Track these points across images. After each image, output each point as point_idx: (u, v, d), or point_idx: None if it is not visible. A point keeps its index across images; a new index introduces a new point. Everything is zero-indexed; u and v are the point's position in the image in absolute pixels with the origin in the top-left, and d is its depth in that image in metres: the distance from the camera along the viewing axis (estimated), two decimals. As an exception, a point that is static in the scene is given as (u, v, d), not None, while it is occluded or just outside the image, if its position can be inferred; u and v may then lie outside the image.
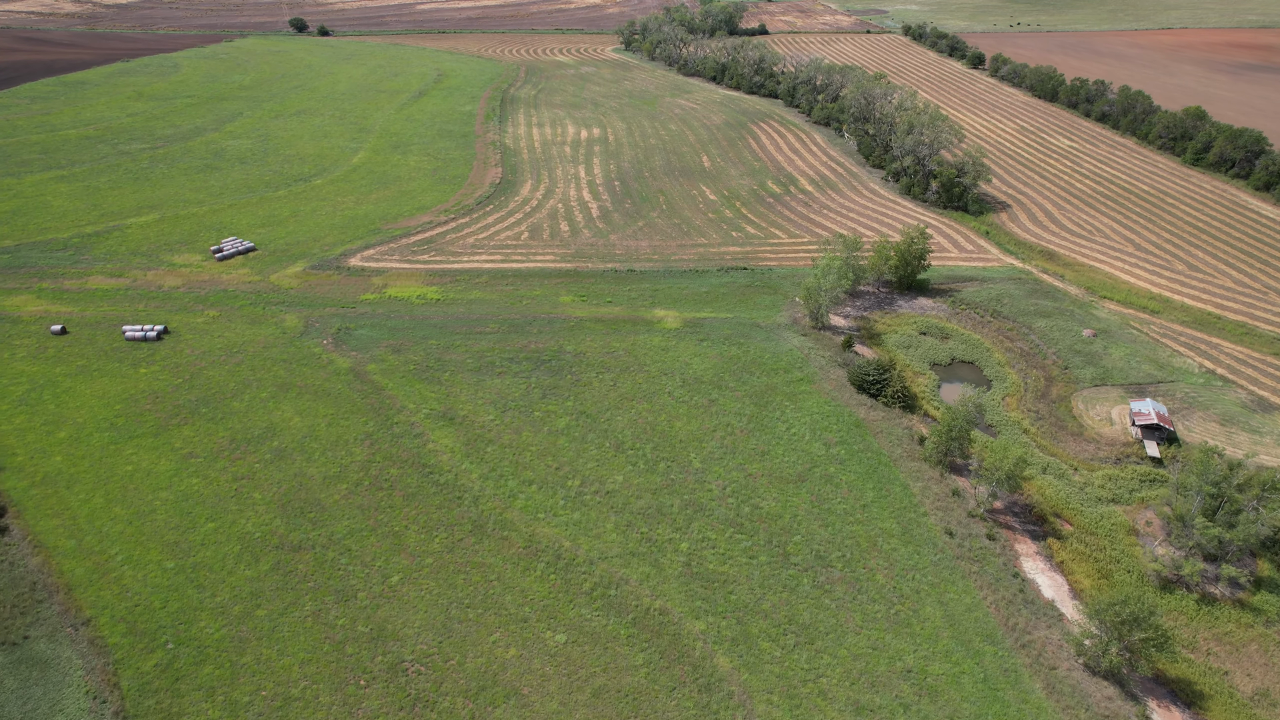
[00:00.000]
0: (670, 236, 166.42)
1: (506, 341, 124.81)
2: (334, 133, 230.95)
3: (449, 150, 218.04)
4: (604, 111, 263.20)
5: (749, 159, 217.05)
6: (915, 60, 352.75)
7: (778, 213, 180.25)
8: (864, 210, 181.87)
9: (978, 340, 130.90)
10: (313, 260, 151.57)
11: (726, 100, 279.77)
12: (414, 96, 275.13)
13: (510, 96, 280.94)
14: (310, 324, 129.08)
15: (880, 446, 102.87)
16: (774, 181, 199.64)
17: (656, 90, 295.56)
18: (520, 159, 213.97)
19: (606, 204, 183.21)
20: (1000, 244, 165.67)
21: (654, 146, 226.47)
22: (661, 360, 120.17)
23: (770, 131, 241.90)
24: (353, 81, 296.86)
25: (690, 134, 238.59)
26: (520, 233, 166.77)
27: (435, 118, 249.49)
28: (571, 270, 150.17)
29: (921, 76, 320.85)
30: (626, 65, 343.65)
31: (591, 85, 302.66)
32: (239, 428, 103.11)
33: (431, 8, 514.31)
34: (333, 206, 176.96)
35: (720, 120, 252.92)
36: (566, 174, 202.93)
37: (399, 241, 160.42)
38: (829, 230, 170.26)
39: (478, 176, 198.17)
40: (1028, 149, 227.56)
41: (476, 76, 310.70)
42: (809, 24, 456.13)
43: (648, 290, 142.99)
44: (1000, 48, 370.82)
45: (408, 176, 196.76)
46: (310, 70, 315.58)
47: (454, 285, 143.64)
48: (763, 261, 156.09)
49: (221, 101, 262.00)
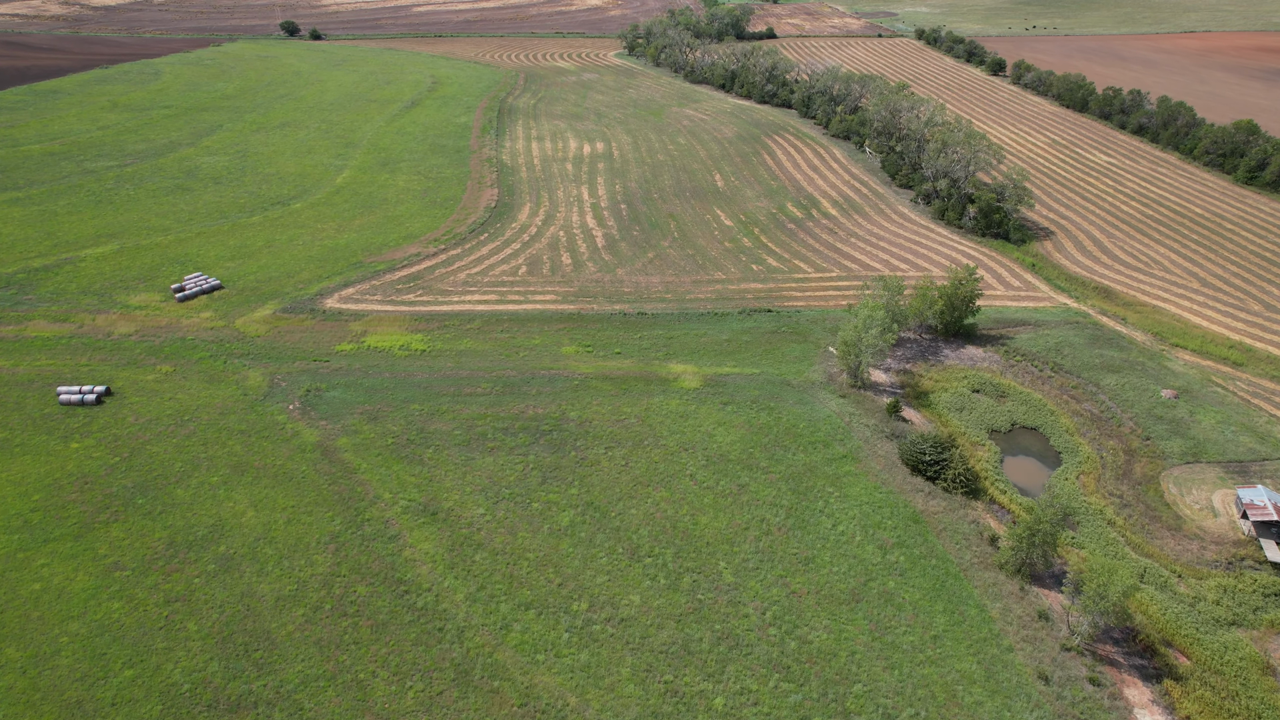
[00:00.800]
0: (684, 270, 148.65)
1: (501, 406, 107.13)
2: (318, 148, 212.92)
3: (441, 168, 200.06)
4: (608, 123, 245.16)
5: (765, 177, 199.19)
6: (931, 66, 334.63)
7: (800, 241, 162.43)
8: (895, 238, 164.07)
9: (1039, 401, 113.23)
10: (285, 301, 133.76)
11: (737, 110, 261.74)
12: (406, 107, 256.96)
13: (508, 106, 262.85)
14: (276, 383, 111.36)
15: (945, 549, 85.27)
16: (794, 204, 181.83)
17: (663, 99, 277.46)
18: (518, 178, 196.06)
19: (613, 231, 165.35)
20: (1050, 279, 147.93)
21: (662, 163, 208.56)
22: (680, 430, 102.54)
23: (786, 146, 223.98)
24: (342, 90, 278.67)
25: (701, 148, 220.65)
26: (517, 266, 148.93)
27: (428, 131, 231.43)
28: (575, 313, 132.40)
29: (939, 84, 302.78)
30: (630, 72, 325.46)
31: (594, 94, 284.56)
32: (180, 526, 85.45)
33: (428, 10, 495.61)
34: (311, 235, 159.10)
35: (732, 133, 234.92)
36: (568, 195, 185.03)
37: (382, 278, 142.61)
38: (858, 262, 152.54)
39: (472, 199, 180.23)
40: (1063, 165, 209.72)
41: (473, 84, 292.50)
42: (817, 27, 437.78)
43: (661, 338, 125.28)
44: (1018, 53, 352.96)
45: (395, 199, 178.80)
46: (298, 78, 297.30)
47: (442, 332, 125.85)
48: (788, 301, 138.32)
49: (201, 112, 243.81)
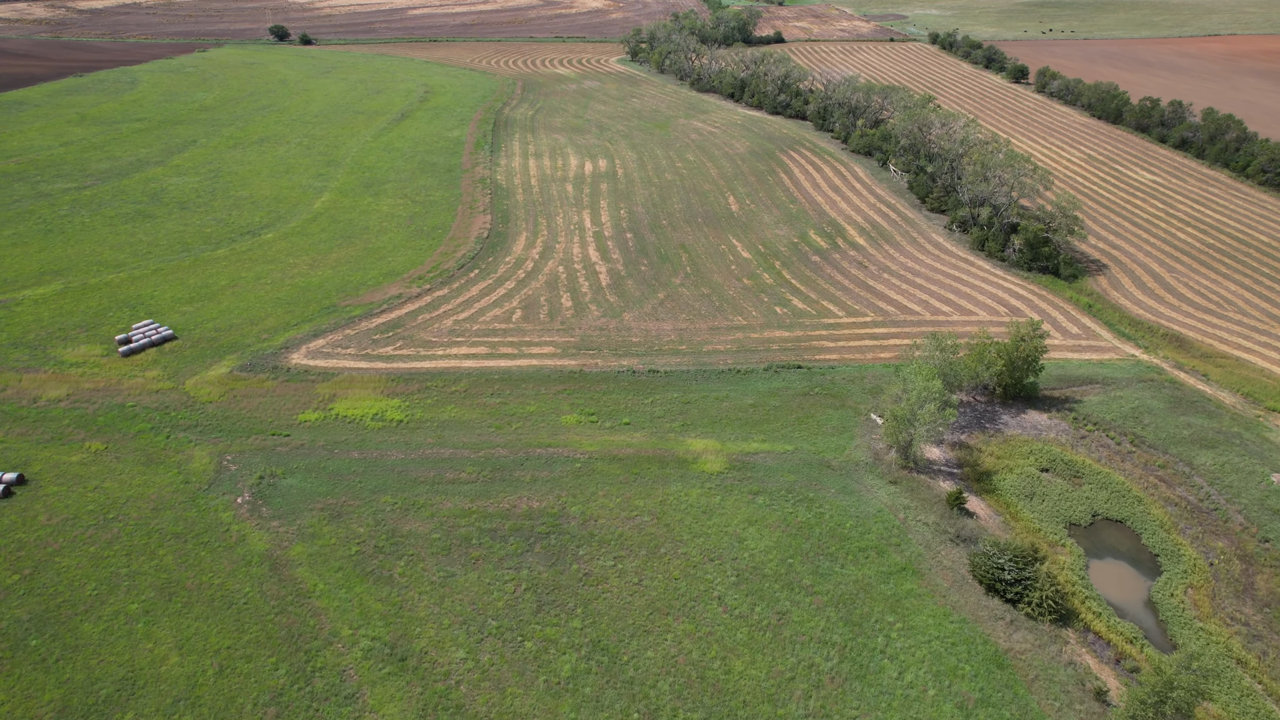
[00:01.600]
0: (699, 314, 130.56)
1: (489, 497, 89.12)
2: (298, 167, 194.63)
3: (430, 190, 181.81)
4: (611, 136, 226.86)
5: (783, 200, 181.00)
6: (948, 73, 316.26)
7: (827, 277, 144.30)
8: (932, 274, 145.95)
9: (1121, 484, 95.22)
10: (245, 356, 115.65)
11: (748, 122, 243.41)
12: (395, 119, 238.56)
13: (505, 118, 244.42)
14: (224, 466, 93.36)
15: (1042, 709, 67.30)
16: (817, 231, 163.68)
17: (669, 110, 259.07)
18: (514, 201, 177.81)
19: (618, 265, 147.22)
20: (1111, 324, 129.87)
21: (670, 183, 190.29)
22: (704, 532, 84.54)
23: (803, 163, 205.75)
24: (329, 100, 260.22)
25: (711, 166, 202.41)
26: (511, 310, 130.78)
27: (417, 146, 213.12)
28: (576, 371, 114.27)
29: (959, 92, 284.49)
30: (634, 79, 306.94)
31: (596, 104, 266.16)
32: (80, 680, 67.47)
33: (424, 13, 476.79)
34: (282, 272, 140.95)
35: (744, 148, 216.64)
36: (569, 222, 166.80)
37: (358, 325, 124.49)
38: (893, 304, 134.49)
39: (462, 227, 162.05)
40: (1104, 185, 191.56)
41: (468, 93, 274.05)
42: (826, 30, 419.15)
43: (676, 403, 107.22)
44: (1037, 58, 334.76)
45: (378, 228, 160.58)
46: (284, 87, 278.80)
47: (423, 396, 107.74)
48: (819, 354, 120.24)
49: (175, 126, 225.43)
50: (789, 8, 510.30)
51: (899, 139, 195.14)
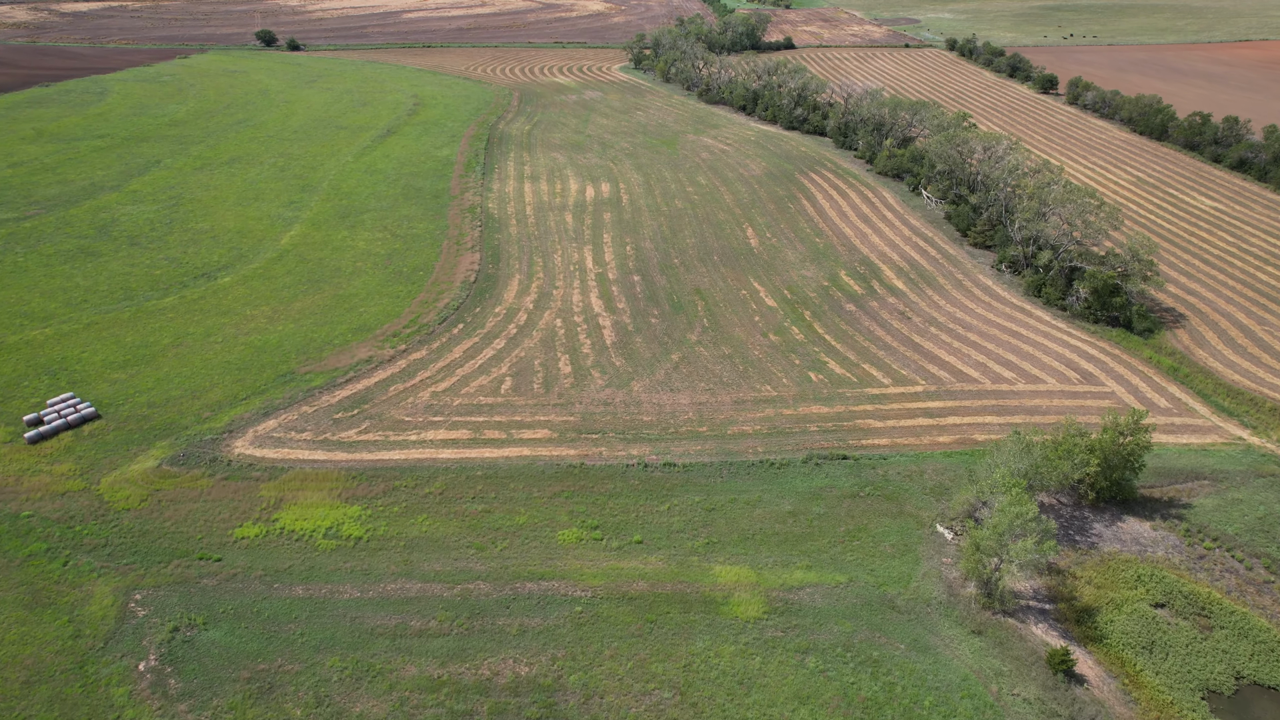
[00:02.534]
0: (721, 383, 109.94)
1: (464, 659, 68.62)
2: (269, 192, 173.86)
3: (413, 221, 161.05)
4: (614, 155, 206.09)
5: (807, 232, 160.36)
6: (970, 82, 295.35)
7: (866, 331, 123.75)
8: (986, 327, 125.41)
9: (1265, 631, 74.77)
10: (179, 443, 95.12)
11: (763, 139, 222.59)
12: (381, 136, 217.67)
13: (499, 134, 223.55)
14: (130, 611, 72.86)
15: None
16: (848, 272, 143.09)
17: (676, 124, 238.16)
18: (506, 235, 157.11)
19: (624, 317, 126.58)
20: (1205, 394, 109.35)
21: (681, 212, 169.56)
22: (742, 717, 64.15)
23: (826, 187, 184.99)
24: (311, 113, 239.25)
25: (726, 191, 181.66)
26: (500, 378, 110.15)
27: (402, 167, 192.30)
28: (576, 463, 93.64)
29: (984, 103, 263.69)
30: (638, 89, 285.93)
31: (597, 116, 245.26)
32: None
33: (419, 17, 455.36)
34: (236, 327, 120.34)
35: (761, 170, 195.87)
36: (568, 261, 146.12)
37: (318, 400, 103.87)
38: (947, 367, 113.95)
39: (447, 268, 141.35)
40: (1161, 213, 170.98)
41: (461, 105, 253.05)
42: (837, 35, 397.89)
43: (698, 509, 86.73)
44: (1061, 65, 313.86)
45: (351, 268, 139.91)
46: (264, 98, 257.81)
47: (388, 501, 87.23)
48: (866, 437, 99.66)
49: (140, 143, 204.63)
50: (796, 11, 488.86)
51: (933, 163, 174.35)
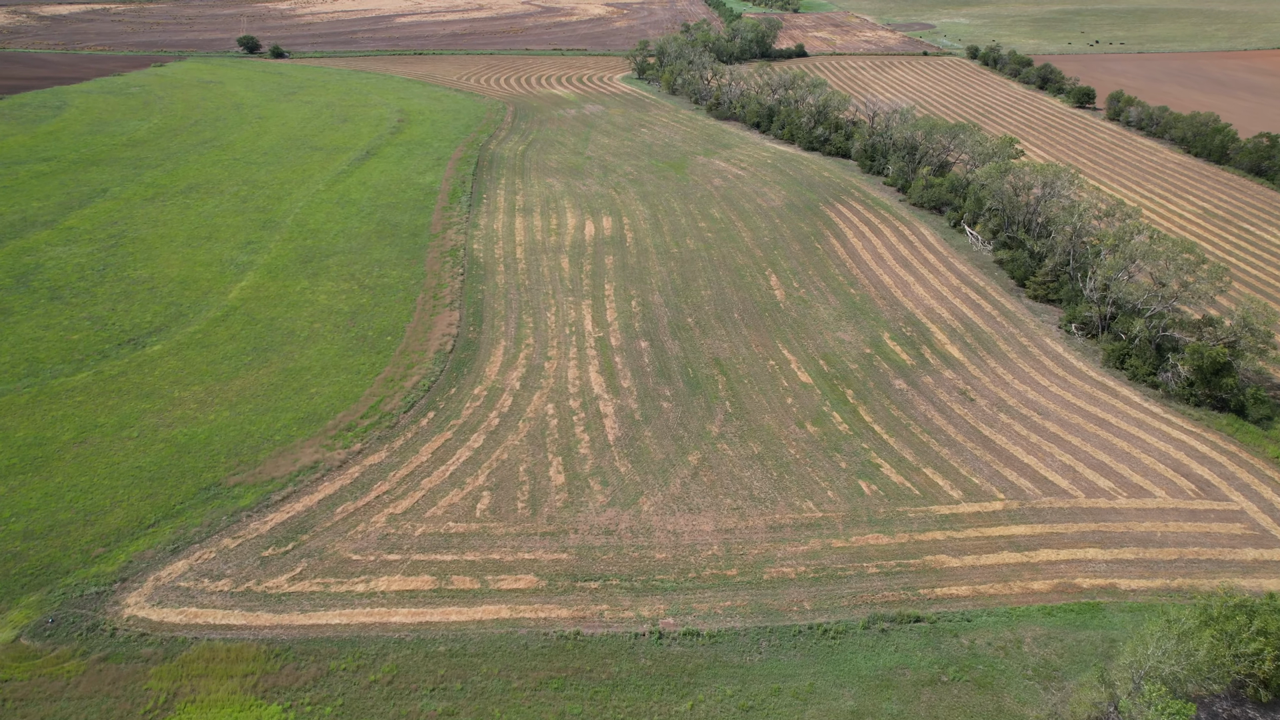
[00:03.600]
0: (751, 497, 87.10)
1: None
2: (225, 229, 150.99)
3: (386, 267, 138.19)
4: (617, 181, 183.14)
5: (840, 280, 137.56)
6: (998, 95, 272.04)
7: (923, 419, 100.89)
8: (1065, 411, 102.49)
9: None
10: (53, 598, 72.35)
11: (780, 161, 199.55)
12: (359, 158, 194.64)
13: (490, 155, 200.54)
14: None
15: None
16: (893, 334, 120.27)
17: (684, 144, 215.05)
18: (492, 284, 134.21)
19: (630, 401, 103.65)
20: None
21: (694, 255, 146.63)
22: None
23: (856, 222, 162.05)
24: (285, 131, 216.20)
25: (743, 227, 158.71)
26: (476, 493, 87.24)
27: (379, 197, 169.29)
28: (570, 632, 70.60)
29: (1017, 119, 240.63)
30: (642, 102, 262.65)
31: (598, 134, 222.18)
32: None
33: (412, 21, 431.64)
34: (159, 415, 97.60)
35: (781, 200, 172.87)
36: (563, 320, 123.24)
37: (244, 527, 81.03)
38: (1027, 472, 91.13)
39: (419, 332, 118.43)
40: (1239, 253, 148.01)
41: (450, 121, 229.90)
42: (850, 42, 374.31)
43: (732, 710, 63.97)
44: (1091, 75, 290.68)
45: (307, 332, 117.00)
46: (237, 113, 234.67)
47: (319, 698, 64.36)
48: (941, 584, 76.70)
49: (90, 168, 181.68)
50: (805, 15, 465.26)
51: (980, 197, 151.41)
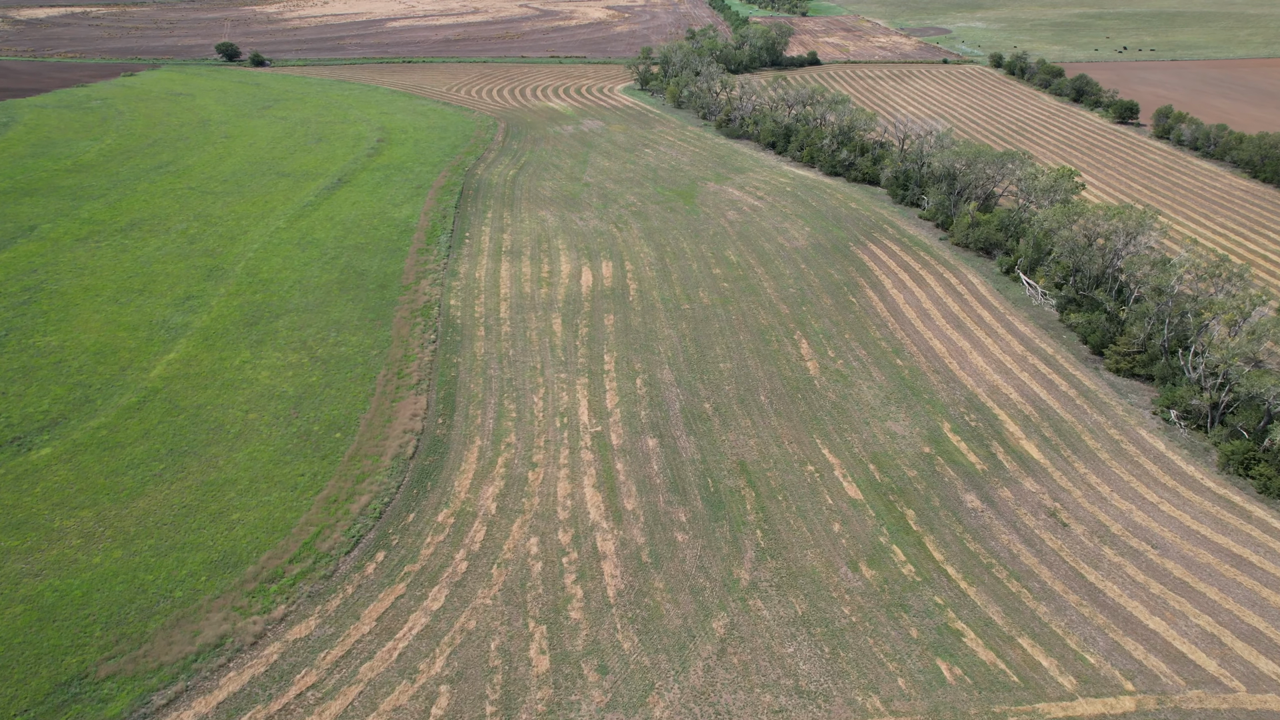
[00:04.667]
0: (797, 690, 63.56)
1: None
2: (162, 279, 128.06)
3: (345, 330, 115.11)
4: (618, 215, 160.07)
5: (883, 346, 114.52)
6: (1029, 108, 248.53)
7: (1006, 555, 77.87)
8: (1190, 545, 79.54)
9: None
10: None
11: (800, 188, 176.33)
12: (329, 187, 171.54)
13: (477, 183, 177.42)
14: None
15: None
16: (955, 425, 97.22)
17: (693, 167, 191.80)
18: (469, 355, 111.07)
19: (635, 531, 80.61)
20: None
21: (709, 311, 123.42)
22: None
23: (893, 266, 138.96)
24: (252, 152, 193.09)
25: (764, 274, 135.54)
26: (430, 694, 63.56)
27: (347, 236, 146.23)
28: None
29: (1053, 137, 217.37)
30: (645, 117, 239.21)
31: (597, 156, 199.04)
32: None
33: (404, 26, 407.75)
34: (27, 557, 74.46)
35: (805, 239, 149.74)
36: (553, 407, 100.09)
37: (105, 755, 58.47)
38: (1159, 645, 68.00)
39: (377, 426, 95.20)
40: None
41: (435, 141, 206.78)
42: (864, 49, 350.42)
43: None
44: (1126, 85, 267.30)
45: (238, 427, 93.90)
46: (203, 130, 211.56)
47: None
48: None
49: (22, 199, 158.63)
50: (814, 19, 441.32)
51: (1041, 242, 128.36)
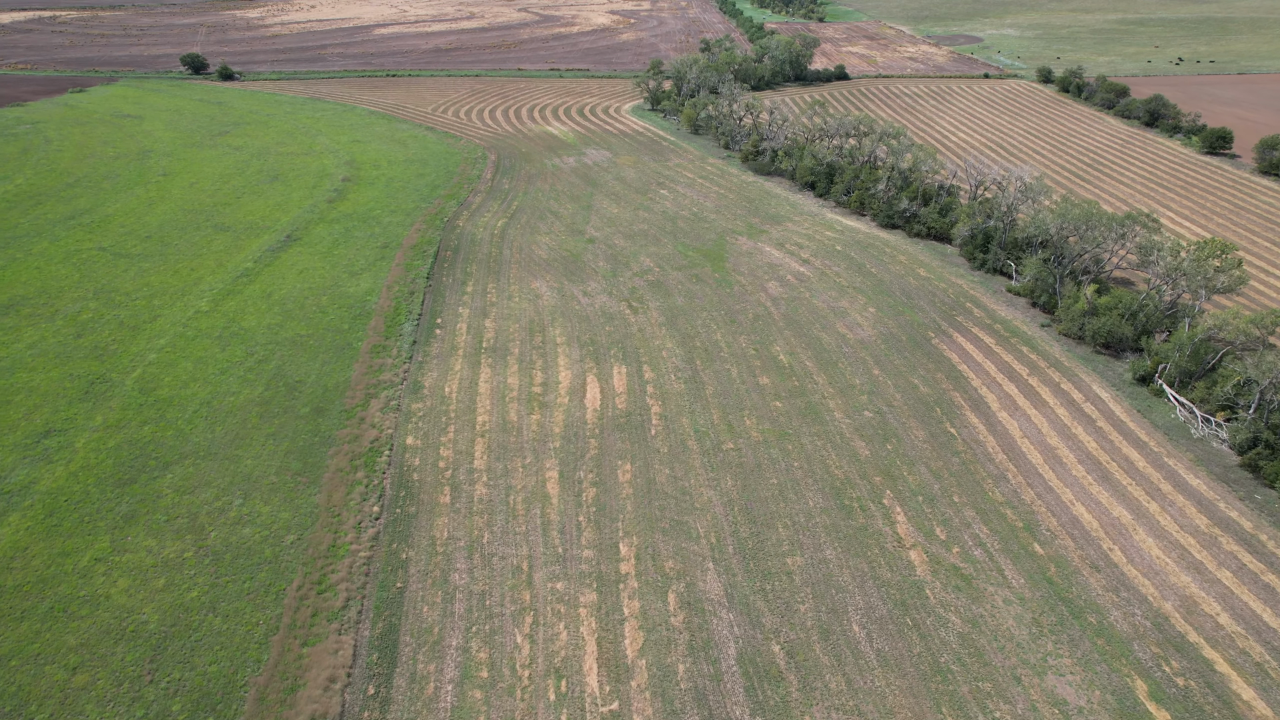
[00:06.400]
0: None
1: None
2: (19, 402, 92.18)
3: (255, 497, 79.33)
4: (632, 287, 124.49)
5: (1006, 514, 78.91)
6: (1096, 134, 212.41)
7: None
8: None
9: None
10: None
11: (852, 246, 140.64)
12: (275, 246, 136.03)
13: (457, 239, 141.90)
14: None
15: None
16: (1152, 685, 61.62)
17: (718, 214, 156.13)
18: (425, 552, 75.30)
19: None
20: None
21: (762, 457, 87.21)
22: None
23: (994, 372, 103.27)
24: (190, 196, 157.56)
25: (828, 387, 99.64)
26: None
27: (286, 322, 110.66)
28: None
29: (1136, 173, 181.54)
30: (658, 146, 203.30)
31: (604, 199, 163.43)
32: None
33: (393, 33, 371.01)
34: None
35: (871, 325, 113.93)
36: (544, 662, 64.27)
37: None
38: None
39: (269, 707, 60.17)
40: None
41: (411, 179, 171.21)
42: (892, 60, 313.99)
43: None
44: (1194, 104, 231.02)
45: (57, 699, 58.94)
46: (140, 164, 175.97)
47: None
48: None
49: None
50: (833, 25, 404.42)
51: (1200, 346, 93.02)
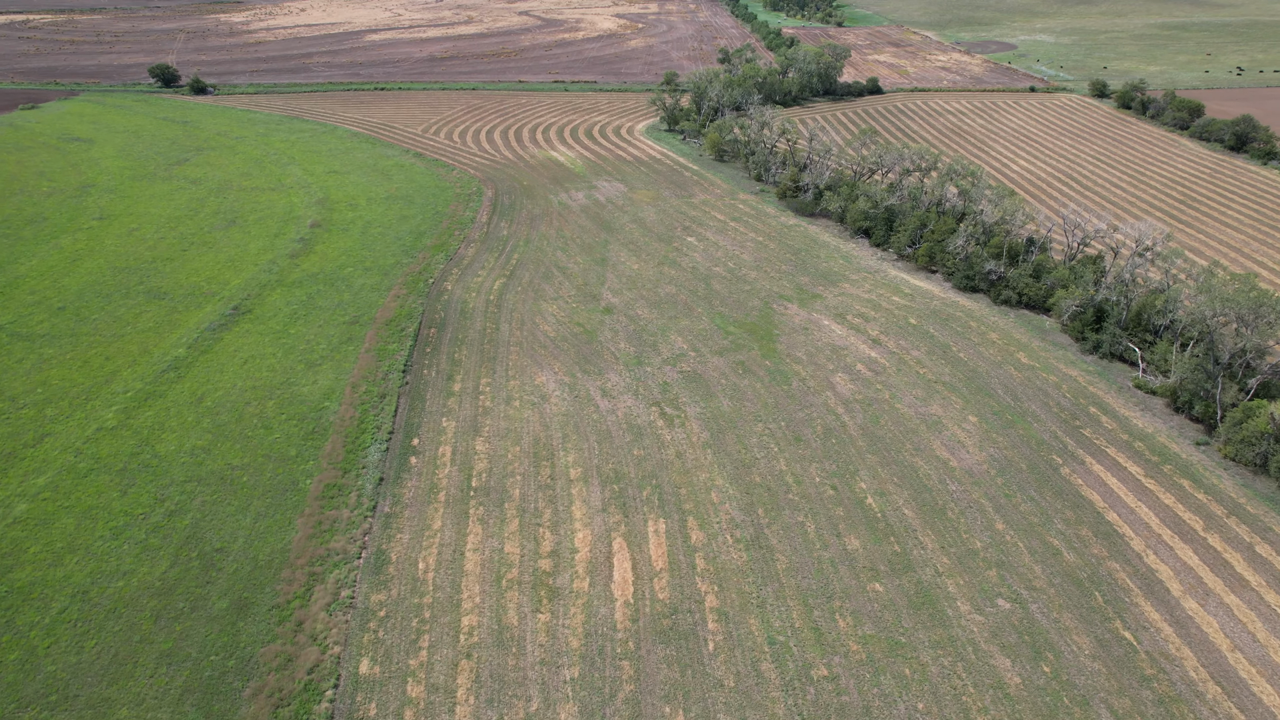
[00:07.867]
0: None
1: None
2: None
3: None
4: (663, 383, 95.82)
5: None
6: (1174, 160, 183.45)
7: None
8: None
9: None
10: None
11: (928, 318, 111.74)
12: (218, 321, 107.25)
13: (443, 309, 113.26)
14: None
15: None
16: None
17: (759, 271, 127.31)
18: None
19: None
20: None
21: (870, 690, 59.55)
22: None
23: (1156, 526, 74.80)
24: (126, 249, 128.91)
25: (942, 557, 71.14)
26: None
27: (214, 445, 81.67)
28: None
29: (1240, 212, 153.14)
30: (679, 178, 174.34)
31: (621, 249, 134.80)
32: None
33: (385, 39, 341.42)
34: None
35: (976, 445, 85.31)
36: None
37: None
38: None
39: None
40: None
41: (393, 223, 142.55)
42: (925, 71, 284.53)
43: None
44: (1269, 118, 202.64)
45: None
46: (75, 203, 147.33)
47: None
48: None
49: None
50: (854, 30, 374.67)
51: None
